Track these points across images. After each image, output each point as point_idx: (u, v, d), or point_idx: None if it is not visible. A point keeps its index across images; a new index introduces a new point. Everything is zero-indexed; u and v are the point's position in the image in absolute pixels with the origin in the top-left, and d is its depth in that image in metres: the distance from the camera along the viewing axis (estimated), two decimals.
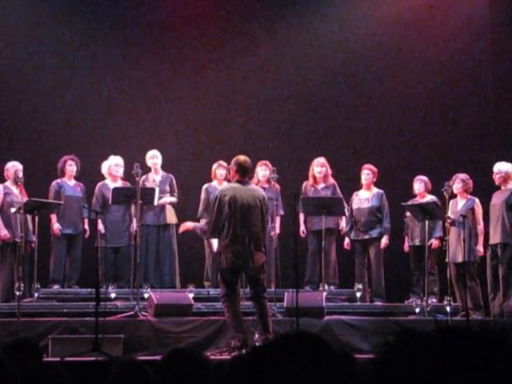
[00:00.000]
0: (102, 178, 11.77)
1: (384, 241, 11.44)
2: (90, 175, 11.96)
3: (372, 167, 11.61)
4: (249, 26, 13.76)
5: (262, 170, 11.38)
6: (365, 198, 11.58)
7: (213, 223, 9.05)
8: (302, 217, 11.43)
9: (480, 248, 10.87)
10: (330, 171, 11.72)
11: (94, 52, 13.47)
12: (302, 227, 11.47)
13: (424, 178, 11.52)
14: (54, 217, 11.34)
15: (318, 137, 13.58)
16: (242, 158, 9.19)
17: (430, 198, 11.35)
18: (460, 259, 10.73)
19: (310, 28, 13.73)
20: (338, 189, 11.65)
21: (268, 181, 11.38)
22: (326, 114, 13.76)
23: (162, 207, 11.69)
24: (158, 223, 11.72)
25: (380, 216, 11.50)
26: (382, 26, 13.59)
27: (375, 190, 11.64)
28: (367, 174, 11.56)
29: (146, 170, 11.76)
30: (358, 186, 11.66)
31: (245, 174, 9.13)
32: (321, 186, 11.66)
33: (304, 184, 11.67)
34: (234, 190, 9.01)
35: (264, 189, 10.19)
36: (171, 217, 11.76)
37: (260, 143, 12.89)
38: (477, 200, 11.08)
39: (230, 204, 8.89)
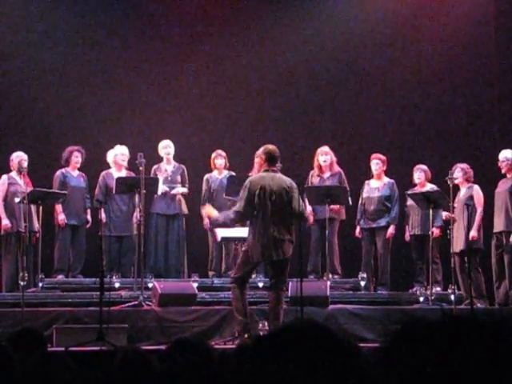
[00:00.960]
0: (107, 167, 11.77)
1: (390, 230, 11.44)
2: (94, 166, 11.95)
3: (381, 156, 11.60)
4: (255, 18, 13.71)
5: None
6: (375, 187, 11.58)
7: (241, 213, 8.95)
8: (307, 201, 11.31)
9: (475, 233, 10.83)
10: (334, 159, 11.68)
11: (99, 42, 13.44)
12: (309, 208, 11.27)
13: (424, 167, 11.52)
14: (59, 207, 11.32)
15: (323, 126, 13.56)
16: (271, 147, 9.11)
17: (430, 186, 11.36)
18: (461, 247, 10.75)
19: (317, 16, 13.69)
20: (343, 176, 11.62)
21: None
22: (330, 103, 13.76)
23: (174, 197, 11.68)
24: (168, 213, 11.71)
25: (389, 205, 11.50)
26: (387, 15, 13.54)
27: (386, 179, 11.64)
28: (376, 163, 11.55)
29: (159, 159, 11.77)
30: (369, 176, 11.65)
31: (273, 163, 9.07)
32: (327, 174, 11.63)
33: (310, 174, 11.63)
34: (263, 179, 8.94)
35: None
36: (182, 207, 11.75)
37: (265, 133, 12.86)
38: (476, 187, 11.07)
39: (260, 195, 8.83)
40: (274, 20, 13.70)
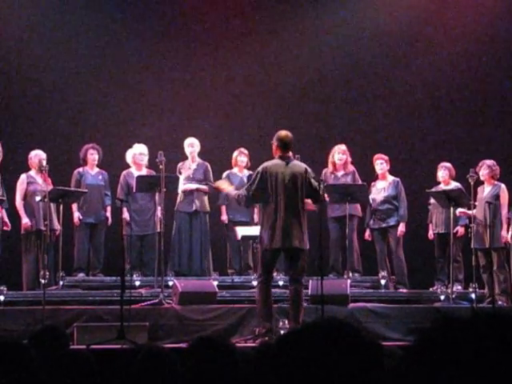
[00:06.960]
0: (127, 166, 11.79)
1: (400, 229, 11.40)
2: (113, 164, 11.98)
3: (383, 156, 11.61)
4: (272, 16, 13.71)
5: None
6: (381, 187, 11.56)
7: (249, 196, 8.86)
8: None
9: (504, 233, 10.77)
10: (349, 158, 11.68)
11: (119, 40, 13.47)
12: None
13: (448, 164, 11.47)
14: (74, 206, 11.37)
15: (339, 125, 13.53)
16: (283, 132, 9.00)
17: (454, 184, 11.30)
18: (485, 245, 10.68)
19: (332, 16, 13.66)
20: (357, 175, 11.61)
21: None
22: (347, 101, 13.73)
23: (191, 193, 11.63)
24: (188, 210, 11.69)
25: (397, 204, 11.47)
26: (402, 14, 13.49)
27: (391, 178, 11.62)
28: (381, 163, 11.56)
29: (184, 157, 11.78)
30: (374, 177, 11.62)
31: (285, 148, 8.93)
32: (340, 173, 11.63)
33: (324, 171, 11.60)
34: (276, 166, 8.85)
35: None
36: (203, 204, 11.72)
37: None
38: (503, 186, 10.98)
39: (272, 182, 8.77)
40: (291, 20, 13.67)
